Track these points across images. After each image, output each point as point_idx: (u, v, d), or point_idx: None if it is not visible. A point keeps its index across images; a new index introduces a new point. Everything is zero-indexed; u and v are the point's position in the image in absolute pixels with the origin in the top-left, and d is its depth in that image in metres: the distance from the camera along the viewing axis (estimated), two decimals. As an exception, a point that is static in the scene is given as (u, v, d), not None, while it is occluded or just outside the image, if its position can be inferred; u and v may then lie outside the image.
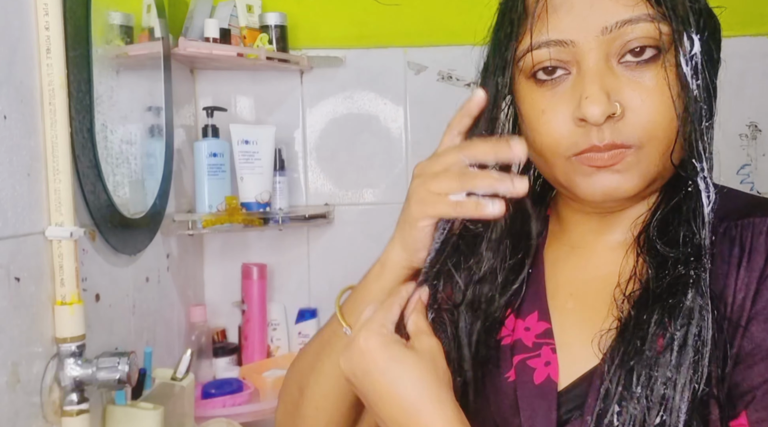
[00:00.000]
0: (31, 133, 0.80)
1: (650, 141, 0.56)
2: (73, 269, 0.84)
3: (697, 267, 0.55)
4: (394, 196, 1.66)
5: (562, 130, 0.57)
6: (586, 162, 0.57)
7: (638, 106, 0.55)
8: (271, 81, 1.63)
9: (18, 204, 0.77)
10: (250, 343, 1.58)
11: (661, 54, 0.55)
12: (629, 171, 0.56)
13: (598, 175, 0.57)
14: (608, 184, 0.57)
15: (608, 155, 0.56)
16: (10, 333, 0.74)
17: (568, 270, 0.66)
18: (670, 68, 0.55)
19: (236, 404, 1.41)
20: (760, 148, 1.66)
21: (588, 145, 0.56)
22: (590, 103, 0.54)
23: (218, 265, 1.65)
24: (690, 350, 0.52)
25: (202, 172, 1.47)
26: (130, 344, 1.11)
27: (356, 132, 1.66)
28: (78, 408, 0.83)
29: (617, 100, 0.55)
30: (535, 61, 0.58)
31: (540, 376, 0.61)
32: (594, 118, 0.54)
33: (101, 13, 1.02)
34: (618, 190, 0.57)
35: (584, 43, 0.56)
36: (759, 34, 1.60)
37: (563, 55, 0.57)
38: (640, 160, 0.56)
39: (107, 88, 1.03)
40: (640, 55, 0.55)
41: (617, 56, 0.56)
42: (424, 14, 1.63)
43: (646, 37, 0.55)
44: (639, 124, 0.55)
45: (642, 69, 0.55)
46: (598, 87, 0.55)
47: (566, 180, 0.59)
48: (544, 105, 0.58)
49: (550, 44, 0.57)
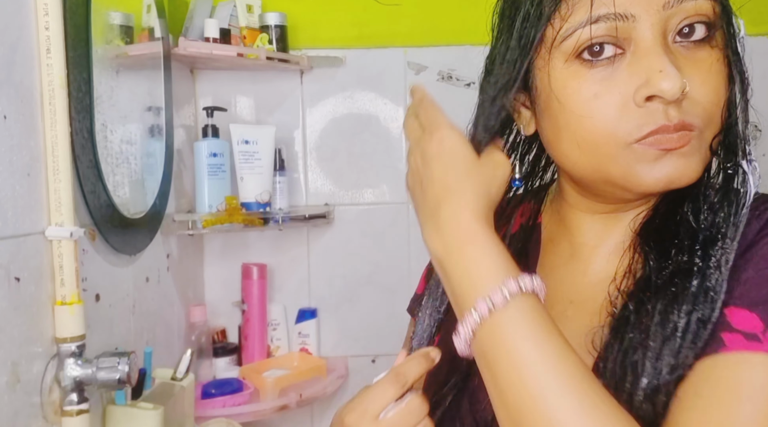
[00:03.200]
0: (31, 133, 0.80)
1: (709, 124, 0.54)
2: (73, 269, 0.84)
3: (705, 253, 0.53)
4: (394, 196, 1.66)
5: (620, 113, 0.53)
6: (655, 145, 0.53)
7: (698, 86, 0.53)
8: (271, 81, 1.63)
9: (18, 204, 0.77)
10: (250, 343, 1.58)
11: (711, 34, 0.54)
12: (694, 155, 0.53)
13: (665, 160, 0.53)
14: (673, 171, 0.53)
15: (677, 136, 0.52)
16: (10, 333, 0.74)
17: (568, 276, 0.65)
18: (720, 49, 0.54)
19: (236, 404, 1.41)
20: (760, 148, 1.66)
21: (656, 125, 0.52)
22: (665, 76, 0.51)
23: (218, 265, 1.65)
24: (690, 335, 0.51)
25: (202, 172, 1.47)
26: (130, 344, 1.11)
27: (356, 132, 1.66)
28: (78, 408, 0.83)
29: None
30: (589, 37, 0.53)
31: None
32: (671, 93, 0.50)
33: (101, 13, 1.02)
34: (683, 176, 0.54)
35: (646, 18, 0.52)
36: (759, 34, 1.60)
37: (622, 31, 0.53)
38: (701, 144, 0.54)
39: (107, 88, 1.03)
40: (690, 35, 0.53)
41: (673, 34, 0.53)
42: (424, 14, 1.63)
43: (702, 15, 0.53)
44: (700, 104, 0.53)
45: (696, 49, 0.53)
46: (669, 61, 0.51)
47: (624, 171, 0.54)
48: (597, 89, 0.53)
49: (608, 18, 0.52)
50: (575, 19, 0.53)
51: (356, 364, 1.66)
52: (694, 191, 0.57)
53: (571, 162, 0.58)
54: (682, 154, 0.53)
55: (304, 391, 1.49)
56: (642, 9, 0.52)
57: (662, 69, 0.51)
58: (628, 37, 0.53)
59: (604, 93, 0.53)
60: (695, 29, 0.53)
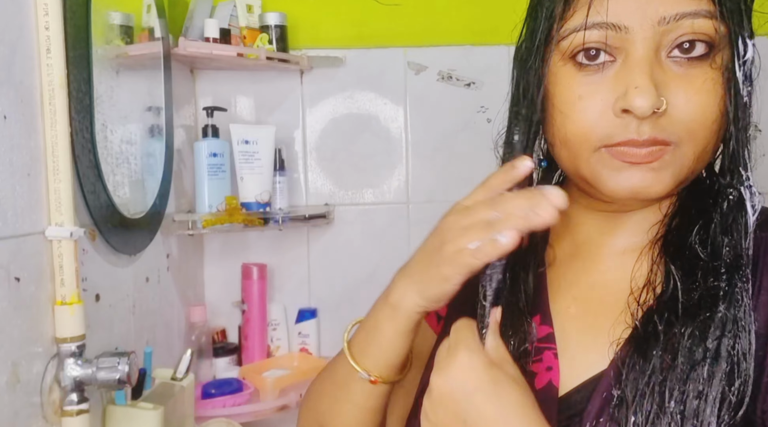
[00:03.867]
0: (31, 133, 0.80)
1: (690, 141, 0.54)
2: (73, 269, 0.84)
3: (730, 278, 0.53)
4: (394, 196, 1.66)
5: (598, 118, 0.55)
6: (619, 156, 0.54)
7: (682, 104, 0.53)
8: (271, 81, 1.63)
9: (18, 204, 0.77)
10: (250, 343, 1.58)
11: (712, 53, 0.53)
12: (664, 170, 0.54)
13: (630, 172, 0.55)
14: (638, 183, 0.54)
15: (646, 151, 0.53)
16: (10, 333, 0.74)
17: (571, 273, 0.65)
18: (719, 69, 0.53)
19: (236, 404, 1.41)
20: (760, 148, 1.65)
21: (625, 138, 0.54)
22: (639, 93, 0.52)
23: (218, 265, 1.65)
24: (723, 362, 0.51)
25: (202, 172, 1.47)
26: (130, 344, 1.11)
27: (356, 132, 1.66)
28: (78, 408, 0.83)
29: (663, 94, 0.53)
30: (582, 41, 0.55)
31: (541, 381, 0.60)
32: (641, 111, 0.52)
33: (101, 13, 1.02)
34: (648, 189, 0.55)
35: (639, 31, 0.53)
36: (759, 34, 1.60)
37: (614, 40, 0.54)
38: (675, 159, 0.54)
39: (107, 88, 1.03)
40: (689, 51, 0.53)
41: (668, 49, 0.54)
42: (424, 14, 1.63)
43: (701, 33, 0.53)
44: (681, 121, 0.53)
45: (690, 66, 0.54)
46: (649, 78, 0.52)
47: (592, 173, 0.57)
48: (582, 91, 0.56)
49: (602, 27, 0.54)
50: (573, 22, 0.55)
51: (356, 364, 1.66)
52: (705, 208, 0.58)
53: (557, 157, 0.61)
54: (650, 168, 0.54)
55: (304, 391, 1.48)
56: (636, 22, 0.53)
57: (638, 85, 0.52)
58: (621, 47, 0.54)
59: (587, 96, 0.55)
60: (695, 46, 0.53)
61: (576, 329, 0.61)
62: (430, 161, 1.65)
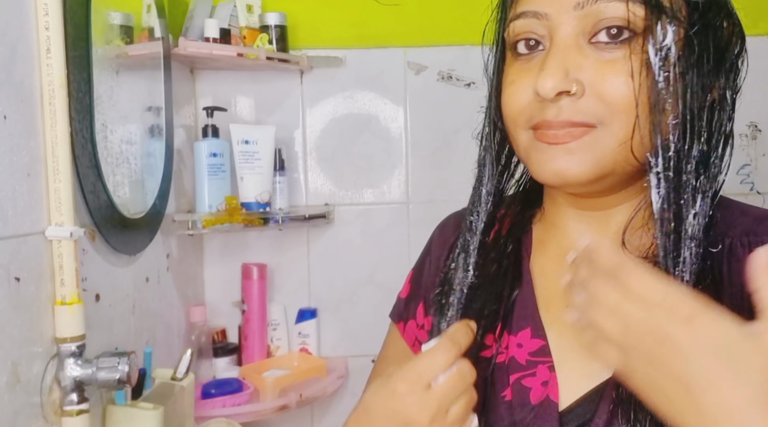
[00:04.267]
0: (31, 133, 0.80)
1: (610, 124, 0.54)
2: (73, 269, 0.84)
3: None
4: (394, 196, 1.66)
5: (522, 101, 0.57)
6: (540, 137, 0.56)
7: (599, 87, 0.54)
8: (271, 81, 1.63)
9: (18, 204, 0.77)
10: (250, 343, 1.58)
11: (635, 37, 0.54)
12: (582, 152, 0.55)
13: (550, 153, 0.56)
14: (559, 165, 0.55)
15: (562, 132, 0.55)
16: (10, 333, 0.74)
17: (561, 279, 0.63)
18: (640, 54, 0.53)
19: (236, 404, 1.41)
20: (760, 148, 1.66)
21: (541, 118, 0.55)
22: (544, 76, 0.54)
23: (218, 265, 1.65)
24: None
25: (202, 172, 1.47)
26: (130, 344, 1.11)
27: (356, 132, 1.66)
28: (78, 408, 0.83)
29: (579, 78, 0.54)
30: (514, 32, 0.58)
31: (537, 396, 0.59)
32: (543, 92, 0.54)
33: (101, 13, 1.02)
34: (567, 171, 0.55)
35: (557, 17, 0.55)
36: (759, 34, 1.60)
37: (540, 28, 0.56)
38: (596, 141, 0.54)
39: (107, 88, 1.03)
40: (614, 36, 0.54)
41: (589, 35, 0.55)
42: (424, 14, 1.63)
43: (619, 18, 0.53)
44: (597, 104, 0.54)
45: (612, 50, 0.54)
46: (557, 62, 0.54)
47: (525, 155, 0.59)
48: (514, 76, 0.59)
49: (527, 15, 0.57)
50: (513, 12, 0.59)
51: (356, 364, 1.65)
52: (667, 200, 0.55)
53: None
54: (567, 150, 0.55)
55: (304, 391, 1.49)
56: (554, 9, 0.55)
57: (544, 68, 0.54)
58: (547, 34, 0.56)
59: (517, 81, 0.58)
60: (622, 32, 0.54)
61: (572, 338, 0.60)
62: (430, 161, 1.65)
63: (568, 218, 0.64)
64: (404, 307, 0.75)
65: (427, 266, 0.74)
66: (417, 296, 0.74)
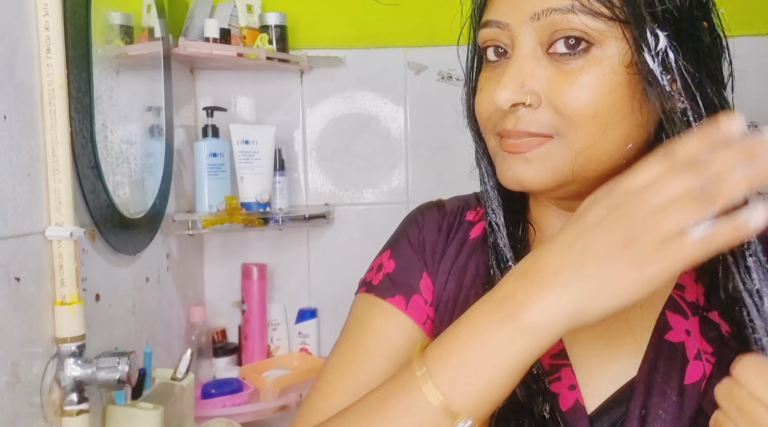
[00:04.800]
0: (31, 133, 0.80)
1: (568, 135, 0.54)
2: (73, 269, 0.84)
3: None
4: (394, 196, 1.66)
5: (490, 108, 0.57)
6: (503, 145, 0.57)
7: (554, 98, 0.53)
8: (271, 81, 1.63)
9: (18, 204, 0.77)
10: (250, 343, 1.58)
11: (591, 48, 0.53)
12: (539, 162, 0.55)
13: (510, 161, 0.56)
14: (517, 173, 0.56)
15: (520, 142, 0.55)
16: (10, 333, 0.74)
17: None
18: (600, 64, 0.53)
19: (236, 404, 1.41)
20: (760, 148, 1.66)
21: (502, 127, 0.56)
22: (499, 88, 0.54)
23: (218, 265, 1.65)
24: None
25: (202, 172, 1.47)
26: (130, 344, 1.11)
27: (356, 132, 1.66)
28: (78, 408, 0.83)
29: (535, 89, 0.54)
30: (482, 39, 0.59)
31: (566, 401, 0.57)
32: (498, 104, 0.54)
33: (101, 13, 1.02)
34: (525, 179, 0.56)
35: (516, 27, 0.55)
36: (759, 34, 1.60)
37: (504, 37, 0.57)
38: (551, 152, 0.55)
39: (107, 88, 1.03)
40: (572, 47, 0.53)
41: (546, 45, 0.54)
42: (424, 14, 1.63)
43: (573, 29, 0.53)
44: (553, 115, 0.54)
45: (569, 61, 0.53)
46: (514, 74, 0.54)
47: (493, 159, 0.60)
48: (483, 83, 0.60)
49: (491, 24, 0.57)
50: (483, 19, 0.60)
51: (356, 364, 1.65)
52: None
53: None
54: (525, 159, 0.55)
55: (304, 391, 1.49)
56: (513, 19, 0.55)
57: (501, 80, 0.54)
58: (510, 44, 0.56)
59: (484, 88, 0.59)
60: (573, 41, 0.53)
61: (588, 338, 0.59)
62: (430, 161, 1.65)
63: (548, 215, 0.64)
64: (393, 283, 0.68)
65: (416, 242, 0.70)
66: (412, 271, 0.68)
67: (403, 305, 0.66)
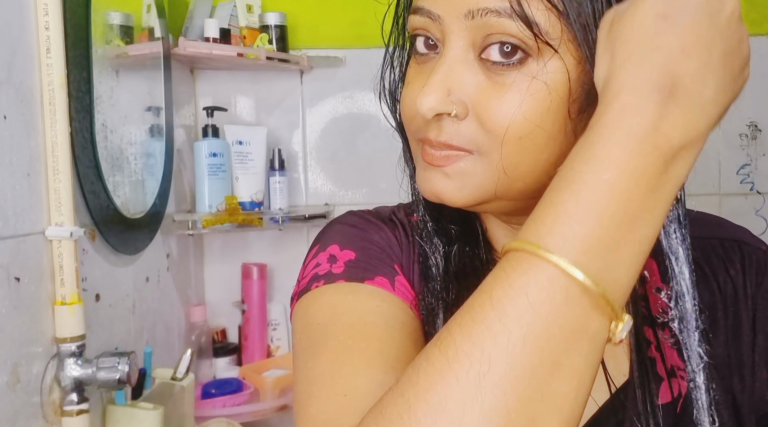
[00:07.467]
0: (31, 133, 0.80)
1: (486, 152, 0.48)
2: (73, 269, 0.84)
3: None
4: (395, 196, 1.66)
5: (413, 110, 0.50)
6: (423, 154, 0.50)
7: (482, 111, 0.47)
8: (271, 81, 1.63)
9: (18, 204, 0.77)
10: (250, 343, 1.58)
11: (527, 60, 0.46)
12: (458, 179, 0.49)
13: (430, 173, 0.50)
14: (436, 186, 0.50)
15: (439, 154, 0.49)
16: (10, 333, 0.74)
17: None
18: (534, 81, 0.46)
19: (236, 404, 1.41)
20: (760, 148, 1.66)
21: (424, 135, 0.50)
22: (424, 93, 0.47)
23: (218, 265, 1.65)
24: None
25: (202, 172, 1.47)
26: (130, 344, 1.11)
27: (356, 132, 1.66)
28: (78, 408, 0.83)
29: (462, 98, 0.47)
30: (412, 26, 0.51)
31: None
32: (422, 111, 0.47)
33: (101, 13, 1.02)
34: (444, 194, 0.50)
35: (449, 23, 0.47)
36: (759, 34, 1.60)
37: (435, 30, 0.49)
38: (475, 170, 0.48)
39: (107, 88, 1.03)
40: (507, 55, 0.46)
41: (479, 49, 0.47)
42: (424, 14, 1.63)
43: (509, 35, 0.45)
44: (478, 129, 0.47)
45: (502, 72, 0.46)
46: (441, 78, 0.47)
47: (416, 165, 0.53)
48: (411, 77, 0.52)
49: (422, 12, 0.49)
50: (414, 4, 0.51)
51: (356, 364, 1.66)
52: None
53: None
54: (444, 173, 0.49)
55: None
56: (447, 12, 0.47)
57: (426, 85, 0.47)
58: (441, 38, 0.49)
59: (411, 83, 0.52)
60: (509, 49, 0.46)
61: None
62: (430, 161, 1.65)
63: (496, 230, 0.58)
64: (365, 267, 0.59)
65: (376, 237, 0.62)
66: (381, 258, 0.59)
67: (389, 286, 0.56)
